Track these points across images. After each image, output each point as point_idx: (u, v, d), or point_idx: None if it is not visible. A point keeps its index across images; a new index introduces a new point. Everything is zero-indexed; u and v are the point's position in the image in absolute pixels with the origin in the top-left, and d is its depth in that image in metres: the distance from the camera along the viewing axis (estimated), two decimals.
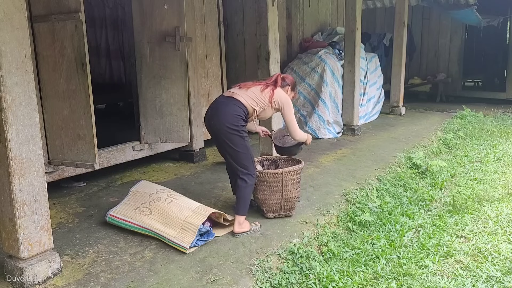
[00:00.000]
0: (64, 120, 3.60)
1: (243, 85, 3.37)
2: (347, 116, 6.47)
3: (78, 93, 3.46)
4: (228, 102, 3.23)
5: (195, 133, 5.11)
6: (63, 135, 3.66)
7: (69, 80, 3.49)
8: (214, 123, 3.21)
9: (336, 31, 7.72)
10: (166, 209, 3.16)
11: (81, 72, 3.42)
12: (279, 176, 3.35)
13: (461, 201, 4.21)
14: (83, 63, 3.39)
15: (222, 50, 5.63)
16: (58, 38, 3.46)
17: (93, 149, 3.49)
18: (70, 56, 3.44)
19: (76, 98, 3.49)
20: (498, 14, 9.03)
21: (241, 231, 3.17)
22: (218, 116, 3.19)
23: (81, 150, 3.58)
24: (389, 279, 2.92)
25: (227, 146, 3.19)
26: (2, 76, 2.29)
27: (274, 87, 3.36)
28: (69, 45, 3.43)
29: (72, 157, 3.65)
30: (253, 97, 3.26)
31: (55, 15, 3.41)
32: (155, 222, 3.09)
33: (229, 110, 3.18)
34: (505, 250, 3.25)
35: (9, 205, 2.43)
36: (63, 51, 3.48)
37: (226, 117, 3.15)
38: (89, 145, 3.52)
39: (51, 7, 3.43)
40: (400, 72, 7.80)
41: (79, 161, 3.63)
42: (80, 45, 3.39)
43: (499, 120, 7.77)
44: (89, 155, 3.56)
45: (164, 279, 2.64)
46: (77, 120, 3.53)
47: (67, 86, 3.51)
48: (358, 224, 3.57)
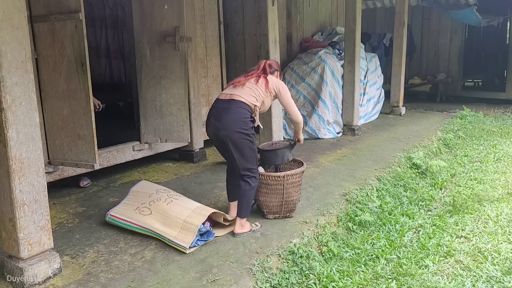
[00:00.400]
0: (64, 120, 3.59)
1: (236, 83, 3.25)
2: (347, 116, 6.47)
3: (78, 93, 3.45)
4: (230, 106, 3.11)
5: (195, 133, 5.12)
6: (63, 135, 3.65)
7: (69, 80, 3.48)
8: (223, 133, 3.07)
9: (336, 31, 7.72)
10: (166, 209, 3.16)
11: (81, 72, 3.41)
12: (281, 179, 3.34)
13: (461, 201, 4.21)
14: (83, 63, 3.38)
15: (222, 50, 5.63)
16: (58, 38, 3.45)
17: (93, 149, 3.48)
18: (70, 56, 3.44)
19: (76, 98, 3.48)
20: (498, 14, 9.03)
21: (242, 232, 3.17)
22: (227, 124, 3.06)
23: (81, 150, 3.57)
24: (389, 279, 2.92)
25: (236, 152, 3.10)
26: (2, 76, 2.29)
27: (266, 75, 3.31)
28: (69, 45, 3.42)
29: (72, 157, 3.64)
30: (251, 93, 3.18)
31: (55, 15, 3.40)
32: (155, 222, 3.09)
33: (236, 115, 3.07)
34: (505, 250, 3.25)
35: (9, 205, 2.43)
36: (63, 51, 3.47)
37: (236, 124, 3.05)
38: (89, 145, 3.51)
39: (51, 7, 3.42)
40: (400, 72, 7.80)
41: (79, 161, 3.62)
42: (80, 45, 3.38)
43: (499, 120, 7.77)
44: (89, 155, 3.55)
45: (164, 279, 2.64)
46: (77, 120, 3.52)
47: (67, 86, 3.50)
48: (358, 224, 3.57)
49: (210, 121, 3.19)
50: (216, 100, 3.28)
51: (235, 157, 3.12)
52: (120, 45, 8.61)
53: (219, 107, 3.18)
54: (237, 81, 3.28)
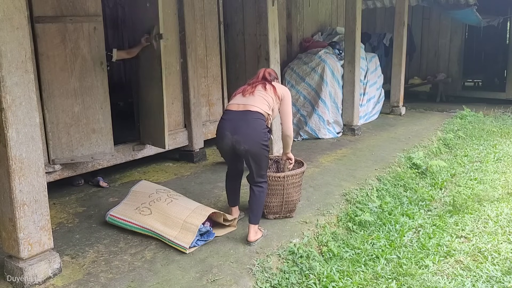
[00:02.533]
0: (74, 117, 3.77)
1: (246, 92, 3.16)
2: (347, 116, 6.47)
3: (95, 89, 3.81)
4: (247, 118, 3.02)
5: (195, 133, 5.12)
6: (72, 132, 3.79)
7: (83, 78, 3.75)
8: (244, 147, 2.98)
9: (336, 31, 7.71)
10: (166, 209, 3.15)
11: (99, 70, 3.79)
12: (281, 180, 3.33)
13: (461, 201, 4.21)
14: (102, 62, 3.77)
15: (222, 50, 5.63)
16: (71, 38, 3.66)
17: (111, 140, 3.90)
18: (86, 55, 3.72)
19: (92, 95, 3.81)
20: (498, 14, 9.03)
21: (256, 239, 3.09)
22: (247, 138, 2.98)
23: (96, 143, 3.88)
24: (389, 279, 2.92)
25: (254, 163, 3.05)
26: (2, 76, 2.29)
27: (270, 82, 3.26)
28: (85, 45, 3.71)
29: (83, 152, 3.82)
30: (263, 101, 3.10)
31: (71, 17, 3.61)
32: (155, 222, 3.09)
33: (256, 128, 3.00)
34: (505, 250, 3.25)
35: (9, 205, 2.44)
36: (76, 51, 3.70)
37: (257, 137, 2.99)
38: (106, 137, 3.88)
39: (63, 9, 3.60)
40: (400, 72, 7.80)
41: (94, 154, 3.88)
42: (99, 45, 3.76)
43: (499, 120, 7.77)
44: (105, 146, 3.92)
45: (164, 279, 2.64)
46: (91, 115, 3.83)
47: (80, 84, 3.74)
48: (358, 224, 3.57)
49: (225, 134, 3.04)
50: (228, 112, 3.16)
51: (253, 167, 3.07)
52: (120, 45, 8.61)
53: (234, 119, 3.07)
54: (245, 90, 3.19)
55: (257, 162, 3.06)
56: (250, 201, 3.14)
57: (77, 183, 4.34)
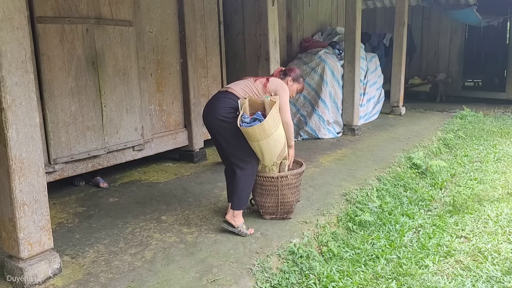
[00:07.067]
0: (72, 115, 3.85)
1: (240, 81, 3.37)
2: (347, 116, 6.48)
3: (88, 88, 3.90)
4: (220, 95, 3.24)
5: (195, 133, 5.12)
6: (70, 130, 3.86)
7: (78, 77, 3.85)
8: (208, 118, 3.23)
9: (336, 31, 7.72)
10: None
11: (91, 69, 3.90)
12: (275, 181, 3.31)
13: (461, 201, 4.21)
14: (94, 62, 3.90)
15: (222, 50, 5.63)
16: (67, 39, 3.75)
17: (102, 135, 4.02)
18: (80, 55, 3.83)
19: (86, 93, 3.92)
20: (498, 14, 9.04)
21: (233, 223, 3.14)
22: (211, 110, 3.19)
23: (90, 140, 3.97)
24: (389, 279, 2.92)
25: (223, 140, 3.19)
26: (2, 76, 2.29)
27: (269, 77, 3.40)
28: (80, 45, 3.82)
29: (79, 149, 3.91)
30: (244, 88, 3.25)
31: (69, 18, 3.69)
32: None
33: (220, 103, 3.18)
34: (505, 250, 3.25)
35: (9, 205, 2.43)
36: (73, 51, 3.80)
37: (217, 110, 3.15)
38: (98, 133, 4.02)
39: (61, 10, 3.67)
40: (400, 72, 7.80)
41: (90, 151, 3.97)
42: (91, 46, 3.87)
43: (499, 120, 7.77)
44: (98, 142, 4.02)
45: (164, 279, 2.64)
46: (86, 113, 3.94)
47: (76, 83, 3.85)
48: (358, 224, 3.57)
49: (204, 109, 3.31)
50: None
51: (223, 145, 3.22)
52: None
53: (213, 96, 3.33)
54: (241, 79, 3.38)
55: (226, 140, 3.17)
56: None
57: (77, 183, 4.34)
